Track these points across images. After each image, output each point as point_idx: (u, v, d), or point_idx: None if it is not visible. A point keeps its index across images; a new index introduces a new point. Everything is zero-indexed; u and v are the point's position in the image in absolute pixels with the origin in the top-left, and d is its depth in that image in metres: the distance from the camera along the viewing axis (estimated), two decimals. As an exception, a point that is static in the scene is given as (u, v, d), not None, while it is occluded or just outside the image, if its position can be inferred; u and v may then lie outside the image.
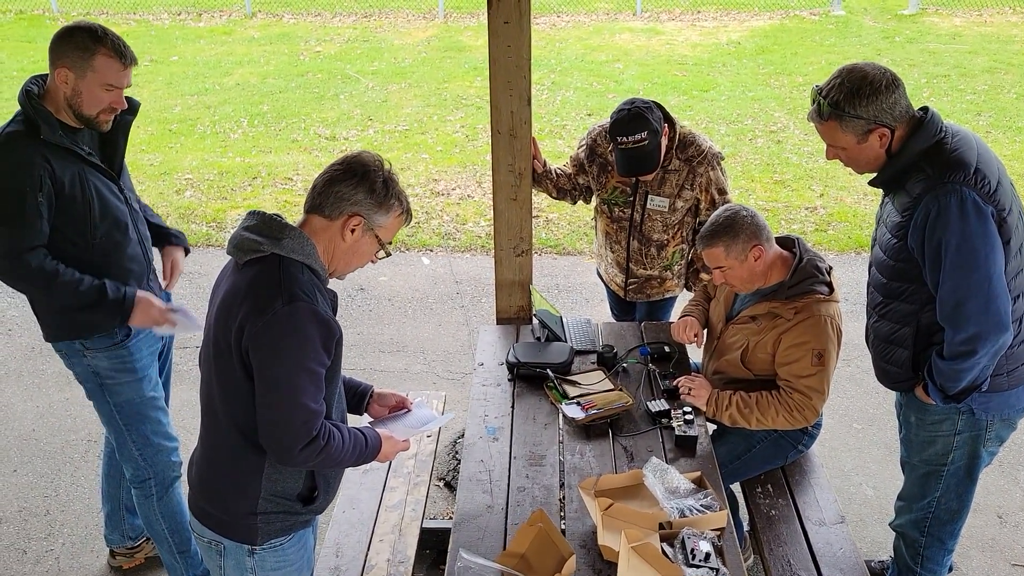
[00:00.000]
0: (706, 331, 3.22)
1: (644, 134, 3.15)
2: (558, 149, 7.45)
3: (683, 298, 3.59)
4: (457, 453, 3.98)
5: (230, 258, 2.10)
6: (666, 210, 3.38)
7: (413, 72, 9.80)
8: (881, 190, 2.59)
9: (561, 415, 2.90)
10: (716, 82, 9.18)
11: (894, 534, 2.98)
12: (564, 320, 3.42)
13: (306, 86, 9.40)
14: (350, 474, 3.19)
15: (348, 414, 2.37)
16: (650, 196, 3.37)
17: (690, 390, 2.92)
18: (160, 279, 3.06)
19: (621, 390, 2.98)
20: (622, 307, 3.82)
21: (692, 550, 2.26)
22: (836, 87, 2.39)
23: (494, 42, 3.11)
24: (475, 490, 2.61)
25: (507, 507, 2.54)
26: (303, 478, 2.15)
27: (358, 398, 2.49)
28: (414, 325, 5.16)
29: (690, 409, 2.86)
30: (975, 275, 2.32)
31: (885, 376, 2.72)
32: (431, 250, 6.07)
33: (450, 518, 3.53)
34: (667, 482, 2.49)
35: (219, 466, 2.14)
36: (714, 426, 3.08)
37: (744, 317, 2.93)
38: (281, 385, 1.96)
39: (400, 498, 3.14)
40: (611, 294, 3.82)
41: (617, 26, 11.42)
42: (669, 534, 2.33)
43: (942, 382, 2.48)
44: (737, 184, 6.76)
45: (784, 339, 2.82)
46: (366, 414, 2.52)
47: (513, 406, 2.99)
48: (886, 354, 2.65)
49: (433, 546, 3.42)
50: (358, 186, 2.04)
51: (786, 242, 2.93)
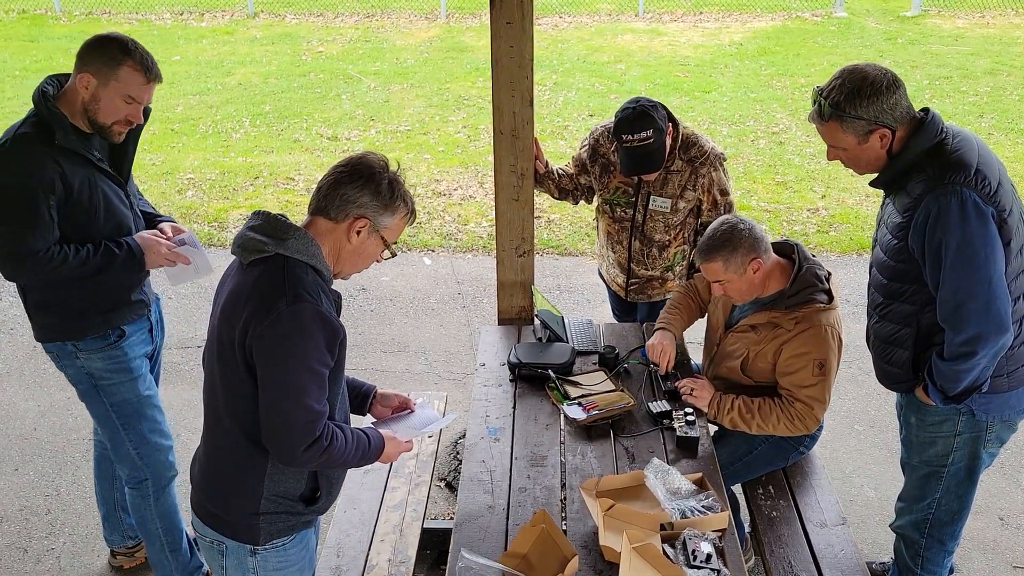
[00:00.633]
0: (704, 337, 3.21)
1: (649, 132, 3.14)
2: (560, 150, 7.45)
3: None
4: (458, 453, 3.98)
5: (234, 258, 2.10)
6: (668, 211, 3.38)
7: (415, 72, 9.80)
8: (882, 191, 2.59)
9: (562, 416, 2.90)
10: (718, 83, 9.18)
11: (895, 535, 2.98)
12: (566, 321, 3.43)
13: (308, 86, 9.41)
14: (351, 474, 3.19)
15: (351, 415, 2.38)
16: (652, 197, 3.37)
17: (692, 391, 2.92)
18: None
19: (623, 391, 2.98)
20: (623, 307, 3.82)
21: (693, 551, 2.26)
22: (837, 88, 2.39)
23: (496, 43, 3.11)
24: (476, 490, 2.61)
25: (508, 508, 2.54)
26: (306, 478, 2.15)
27: (361, 399, 2.49)
28: (416, 325, 5.17)
29: (691, 410, 2.86)
30: (975, 276, 2.32)
31: (885, 377, 2.72)
32: (433, 250, 6.07)
33: (451, 518, 3.53)
34: (668, 483, 2.50)
35: (222, 466, 2.14)
36: (715, 427, 3.08)
37: (744, 326, 2.92)
38: (285, 385, 1.96)
39: (401, 498, 3.15)
40: (612, 294, 3.82)
41: (619, 27, 11.42)
42: (670, 535, 2.34)
43: (942, 383, 2.48)
44: (739, 185, 6.75)
45: (785, 349, 2.81)
46: (369, 415, 2.53)
47: (514, 407, 2.99)
48: (886, 355, 2.65)
49: (434, 546, 3.42)
50: (363, 188, 2.04)
51: (785, 248, 2.91)
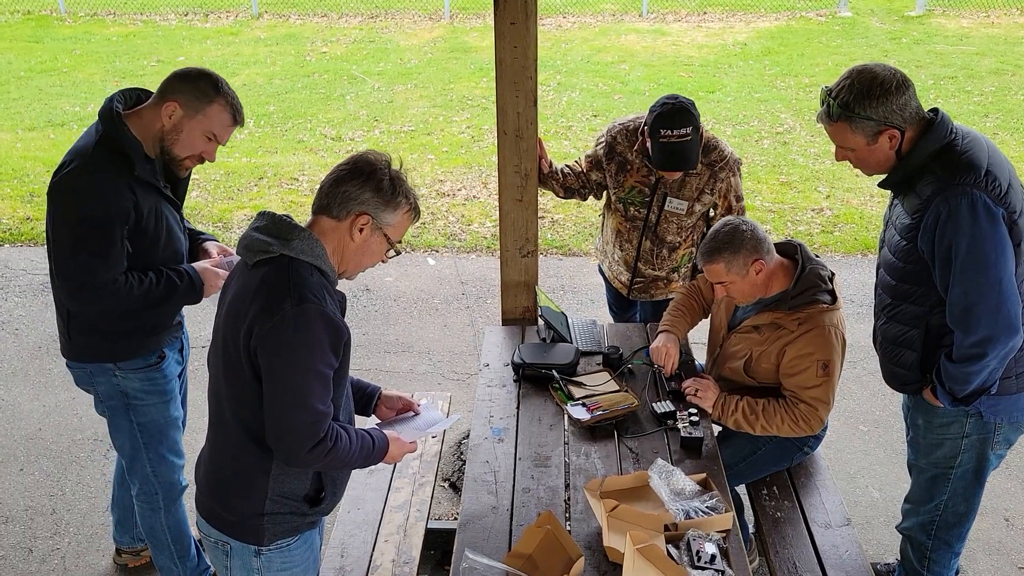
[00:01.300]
0: (707, 337, 3.21)
1: (688, 129, 3.11)
2: (564, 150, 7.44)
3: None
4: (462, 454, 3.98)
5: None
6: (683, 213, 3.37)
7: (419, 73, 9.81)
8: (890, 192, 2.58)
9: (566, 416, 2.90)
10: (722, 83, 9.17)
11: (900, 536, 2.97)
12: (569, 321, 3.42)
13: (312, 87, 9.41)
14: (355, 474, 3.19)
15: (355, 416, 2.38)
16: (669, 198, 3.36)
17: (697, 392, 2.92)
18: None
19: (627, 391, 2.98)
20: (621, 304, 3.81)
21: (698, 552, 2.26)
22: (846, 88, 2.38)
23: (500, 43, 3.11)
24: (480, 491, 2.61)
25: (512, 508, 2.54)
26: (310, 479, 2.15)
27: (366, 400, 2.49)
28: (419, 326, 5.17)
29: (695, 411, 2.85)
30: (985, 278, 2.30)
31: (893, 378, 2.71)
32: (437, 251, 6.07)
33: (455, 519, 3.53)
34: (673, 484, 2.49)
35: (226, 467, 2.15)
36: (719, 428, 3.07)
37: (747, 327, 2.91)
38: (289, 386, 1.96)
39: (405, 499, 3.15)
40: (612, 291, 3.81)
41: (623, 27, 11.41)
42: (675, 536, 2.33)
43: (951, 385, 2.47)
44: (744, 185, 6.72)
45: (788, 350, 2.80)
46: (373, 416, 2.53)
47: (518, 407, 2.99)
48: (894, 356, 2.64)
49: (438, 547, 3.42)
50: (364, 185, 2.04)
51: (788, 248, 2.90)
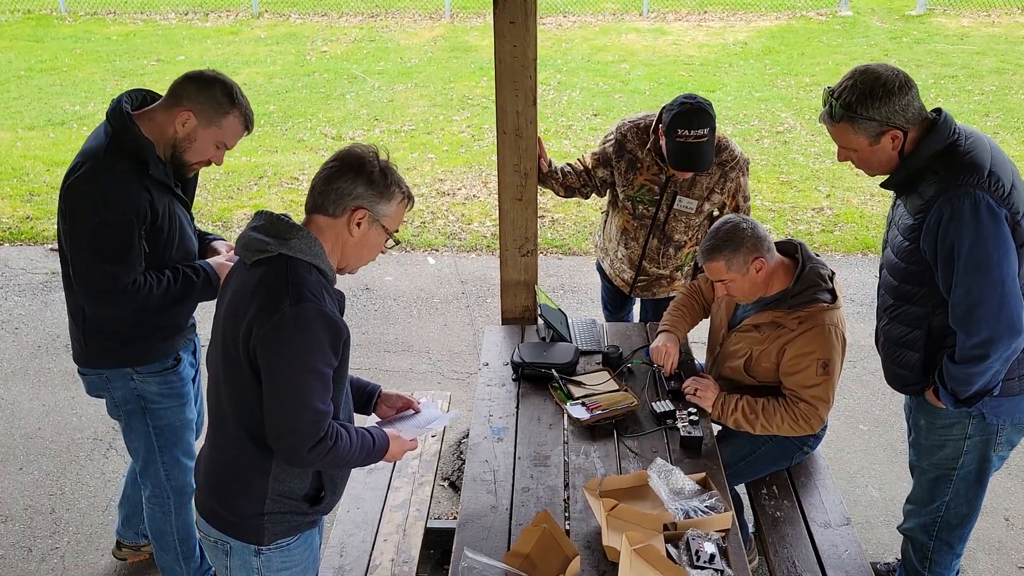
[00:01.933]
0: (707, 336, 3.21)
1: (706, 130, 3.11)
2: (564, 149, 7.44)
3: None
4: (462, 453, 3.98)
5: (237, 258, 2.11)
6: (692, 212, 3.37)
7: (419, 72, 9.80)
8: (893, 192, 2.58)
9: (566, 415, 2.89)
10: (722, 82, 9.16)
11: (900, 536, 2.97)
12: (569, 320, 3.42)
13: (312, 86, 9.41)
14: (355, 474, 3.19)
15: (355, 414, 2.37)
16: (679, 197, 3.36)
17: (696, 391, 2.91)
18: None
19: (626, 391, 2.98)
20: (618, 303, 3.81)
21: (697, 551, 2.25)
22: (848, 88, 2.37)
23: (500, 42, 3.10)
24: (479, 490, 2.61)
25: (511, 507, 2.54)
26: (310, 478, 2.15)
27: (365, 398, 2.49)
28: (419, 325, 5.17)
29: (695, 410, 2.85)
30: (988, 279, 2.30)
31: (895, 379, 2.70)
32: (436, 250, 6.07)
33: (454, 518, 3.53)
34: (672, 483, 2.49)
35: (226, 466, 2.14)
36: (719, 427, 3.07)
37: (747, 326, 2.91)
38: (289, 386, 1.96)
39: (404, 498, 3.15)
40: (611, 289, 3.80)
41: (623, 26, 11.41)
42: (674, 535, 2.33)
43: (953, 386, 2.46)
44: (746, 185, 6.74)
45: (789, 349, 2.80)
46: (373, 414, 2.52)
47: (518, 406, 2.99)
48: (897, 357, 2.63)
49: (437, 546, 3.42)
50: (356, 179, 2.04)
51: (788, 247, 2.90)
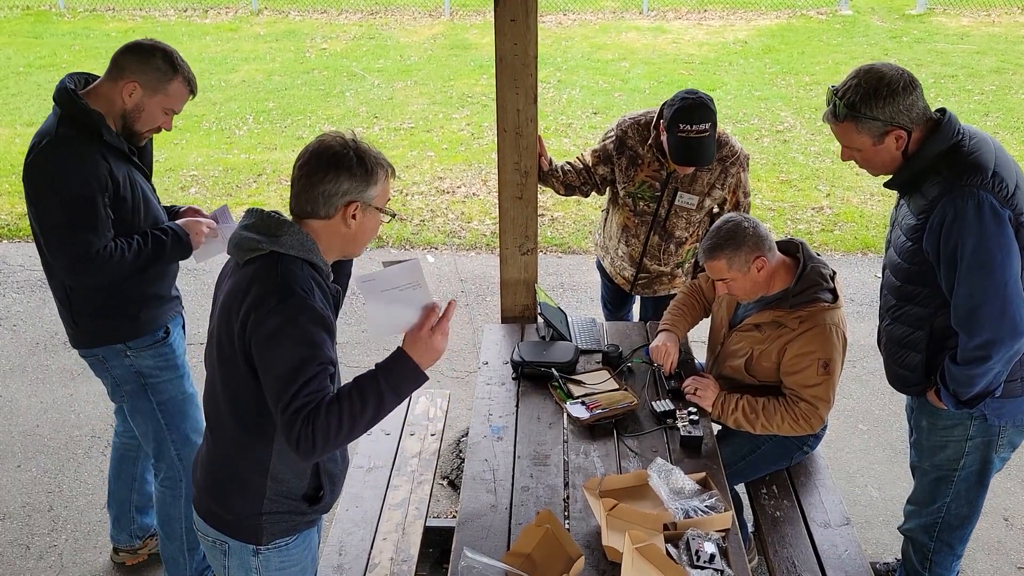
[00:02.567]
0: (708, 335, 3.20)
1: (708, 125, 3.11)
2: (564, 147, 7.43)
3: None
4: (461, 452, 3.97)
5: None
6: (693, 208, 3.36)
7: (419, 70, 9.79)
8: (896, 192, 2.57)
9: (566, 415, 2.89)
10: (722, 81, 9.15)
11: (900, 536, 2.96)
12: (569, 319, 3.41)
13: (312, 83, 9.39)
14: (354, 472, 3.19)
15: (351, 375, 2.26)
16: (680, 193, 3.35)
17: (696, 390, 2.91)
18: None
19: (626, 390, 2.97)
20: (618, 301, 3.80)
21: (697, 551, 2.25)
22: (852, 88, 2.36)
23: (500, 40, 3.10)
24: (479, 489, 2.60)
25: (511, 507, 2.53)
26: (308, 478, 2.14)
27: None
28: (418, 323, 5.15)
29: (695, 409, 2.84)
30: (991, 280, 2.29)
31: (897, 380, 2.70)
32: (436, 248, 6.06)
33: (454, 517, 3.52)
34: (672, 483, 2.49)
35: (224, 466, 2.13)
36: (719, 427, 3.06)
37: (748, 325, 2.90)
38: (283, 379, 1.95)
39: (404, 496, 3.14)
40: (609, 288, 3.79)
41: (623, 24, 11.40)
42: (674, 535, 2.33)
43: (955, 387, 2.46)
44: (745, 183, 6.74)
45: (789, 348, 2.80)
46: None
47: (517, 405, 2.98)
48: (899, 357, 2.63)
49: (437, 545, 3.42)
50: (338, 176, 2.00)
51: (789, 247, 2.90)
